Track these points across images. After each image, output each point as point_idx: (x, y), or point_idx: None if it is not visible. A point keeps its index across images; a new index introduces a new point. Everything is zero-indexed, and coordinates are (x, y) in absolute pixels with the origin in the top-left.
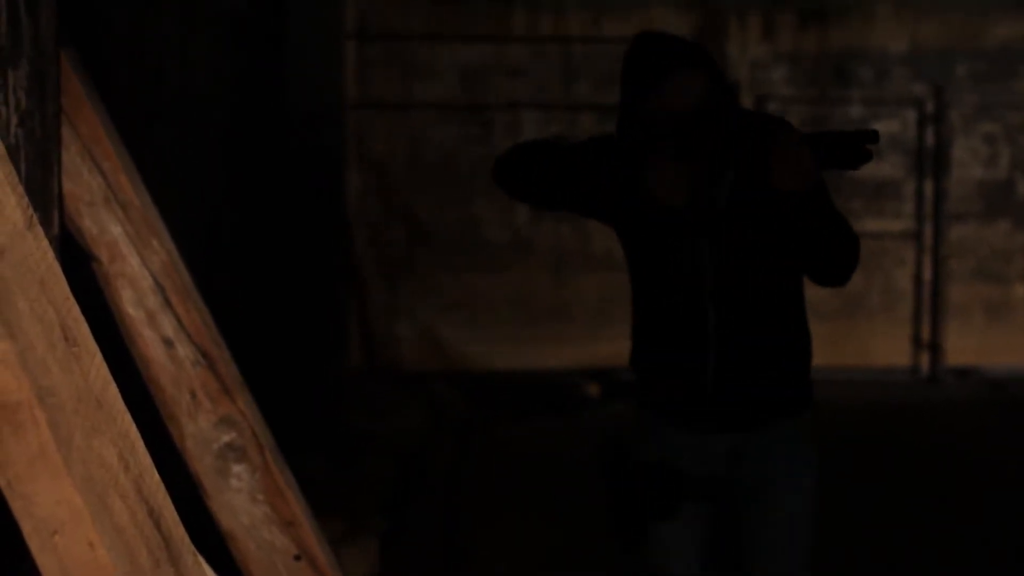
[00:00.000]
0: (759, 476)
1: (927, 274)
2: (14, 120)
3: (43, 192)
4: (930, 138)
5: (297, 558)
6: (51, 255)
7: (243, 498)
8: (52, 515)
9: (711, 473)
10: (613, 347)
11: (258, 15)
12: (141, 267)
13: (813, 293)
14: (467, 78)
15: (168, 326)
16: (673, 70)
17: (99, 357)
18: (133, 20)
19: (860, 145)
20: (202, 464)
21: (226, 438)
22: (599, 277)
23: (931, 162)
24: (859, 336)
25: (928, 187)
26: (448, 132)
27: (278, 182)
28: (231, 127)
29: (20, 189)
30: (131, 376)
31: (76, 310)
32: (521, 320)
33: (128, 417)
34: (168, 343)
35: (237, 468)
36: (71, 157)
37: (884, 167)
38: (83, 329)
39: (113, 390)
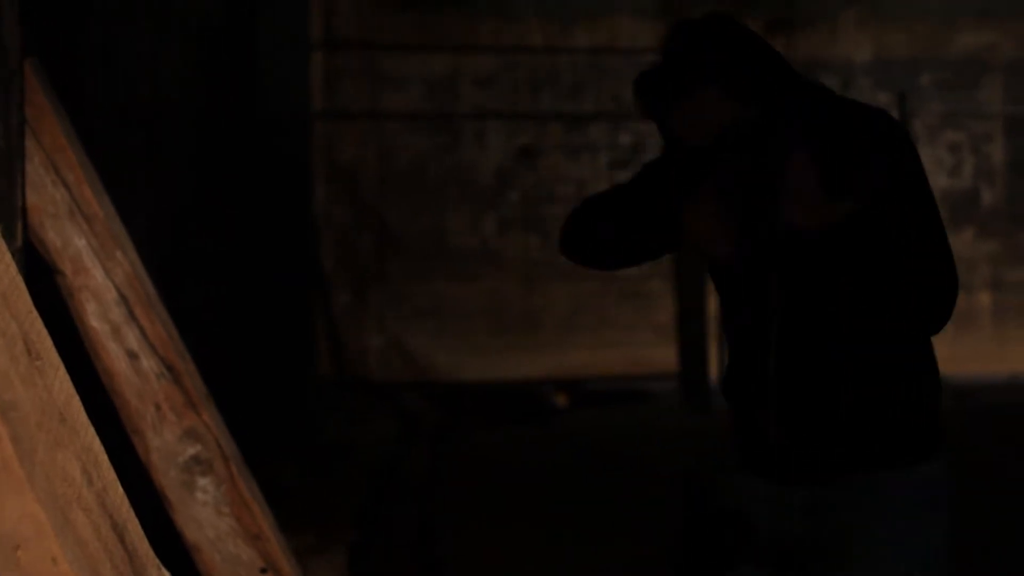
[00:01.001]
0: (837, 539)
1: None
2: None
3: (6, 204)
4: None
5: (263, 571)
6: (13, 268)
7: (208, 511)
8: (15, 530)
9: (786, 530)
10: (581, 357)
11: (227, 26)
12: (105, 279)
13: None
14: (434, 87)
15: (132, 339)
16: (682, 94)
17: (62, 370)
18: (103, 30)
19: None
20: (167, 477)
21: (191, 451)
22: (568, 287)
23: None
24: None
25: None
26: (416, 141)
27: (246, 191)
28: (200, 137)
29: None
30: (95, 389)
31: (39, 323)
32: (490, 329)
33: (92, 431)
34: (133, 356)
35: (203, 481)
36: (35, 169)
37: None
38: (46, 342)
39: (76, 404)
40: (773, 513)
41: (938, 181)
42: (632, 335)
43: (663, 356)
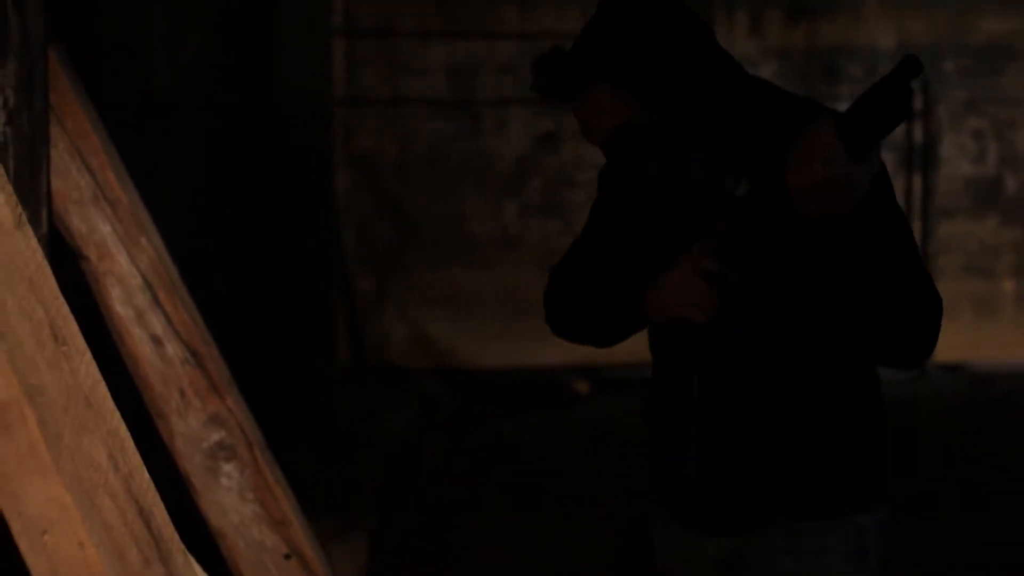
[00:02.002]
0: None
1: None
2: (2, 118)
3: (31, 190)
4: (918, 134)
5: (287, 556)
6: (40, 254)
7: (233, 496)
8: (41, 514)
9: None
10: None
11: (247, 11)
12: (130, 265)
13: None
14: (455, 74)
15: (157, 324)
16: (576, 87)
17: (88, 355)
18: (122, 17)
19: (902, 92)
20: (191, 462)
21: (215, 436)
22: None
23: (919, 158)
24: None
25: (916, 183)
26: (437, 128)
27: (266, 179)
28: (219, 124)
29: (9, 188)
30: (120, 374)
31: (65, 309)
32: (510, 316)
33: (118, 415)
34: (157, 341)
35: (227, 466)
36: (59, 155)
37: None
38: (72, 328)
39: (102, 388)
40: (690, 566)
41: (961, 168)
42: None
43: None
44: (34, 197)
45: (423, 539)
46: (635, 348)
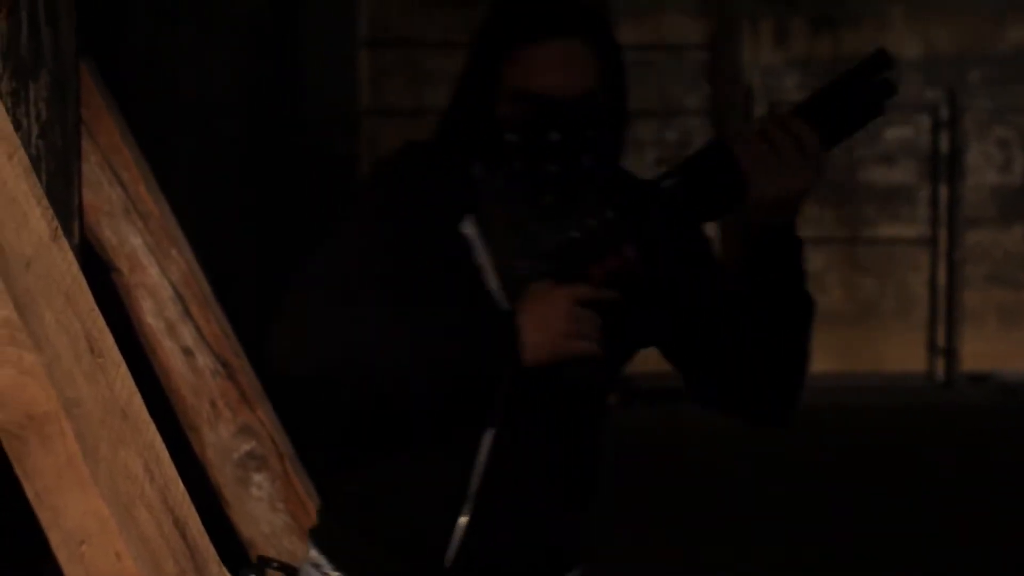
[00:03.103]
0: None
1: (942, 279)
2: (35, 131)
3: (63, 203)
4: (944, 143)
5: None
6: (76, 266)
7: (263, 507)
8: (80, 526)
9: None
10: None
11: (273, 24)
12: (161, 277)
13: (824, 299)
14: None
15: (188, 336)
16: (560, 29)
17: (124, 368)
18: (150, 30)
19: (876, 80)
20: (222, 473)
21: (246, 447)
22: None
23: (945, 167)
24: (873, 342)
25: (943, 192)
26: None
27: (294, 189)
28: (247, 135)
29: (45, 201)
30: (151, 386)
31: (101, 321)
32: None
33: (153, 428)
34: (188, 353)
35: (257, 477)
36: (91, 168)
37: (898, 172)
38: (108, 340)
39: (138, 401)
40: None
41: (987, 177)
42: None
43: None
44: (66, 210)
45: None
46: (664, 360)
